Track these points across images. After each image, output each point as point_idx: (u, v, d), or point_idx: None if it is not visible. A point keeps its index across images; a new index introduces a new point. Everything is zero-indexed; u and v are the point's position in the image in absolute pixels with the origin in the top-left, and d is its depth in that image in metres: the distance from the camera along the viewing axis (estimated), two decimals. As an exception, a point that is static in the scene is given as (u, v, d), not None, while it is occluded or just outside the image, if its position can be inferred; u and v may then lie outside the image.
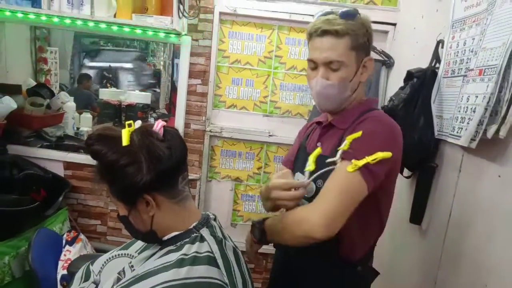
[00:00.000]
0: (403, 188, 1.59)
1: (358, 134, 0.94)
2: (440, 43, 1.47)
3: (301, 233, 0.91)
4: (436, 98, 1.43)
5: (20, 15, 2.00)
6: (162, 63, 5.32)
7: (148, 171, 0.79)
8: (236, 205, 2.43)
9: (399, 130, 1.03)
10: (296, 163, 1.20)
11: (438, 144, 1.41)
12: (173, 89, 4.54)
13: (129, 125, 0.84)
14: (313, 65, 1.05)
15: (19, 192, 1.99)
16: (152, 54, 5.82)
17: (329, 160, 0.94)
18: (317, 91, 1.05)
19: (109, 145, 0.81)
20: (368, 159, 0.90)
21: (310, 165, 0.97)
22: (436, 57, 1.49)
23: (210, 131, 2.32)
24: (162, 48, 5.28)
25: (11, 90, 2.20)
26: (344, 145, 0.94)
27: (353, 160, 0.91)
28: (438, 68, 1.46)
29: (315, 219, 0.89)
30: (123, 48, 6.13)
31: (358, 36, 1.01)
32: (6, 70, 2.39)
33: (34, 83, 2.49)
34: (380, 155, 0.90)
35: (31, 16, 2.00)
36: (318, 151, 0.99)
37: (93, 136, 0.84)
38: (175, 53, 4.74)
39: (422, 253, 1.46)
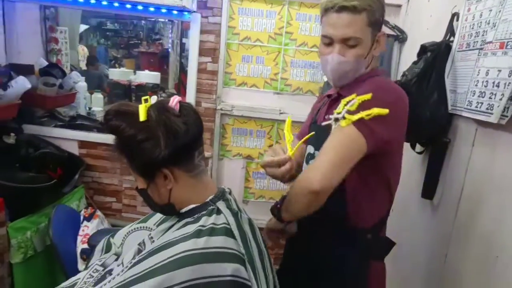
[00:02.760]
0: (415, 164, 1.59)
1: (368, 96, 0.93)
2: (455, 15, 1.44)
3: (301, 191, 0.95)
4: (450, 72, 1.41)
5: (30, -7, 2.00)
6: (170, 42, 5.28)
7: (166, 146, 0.81)
8: (248, 182, 2.47)
9: (402, 95, 1.02)
10: (316, 140, 1.19)
11: (451, 119, 1.40)
12: (182, 69, 4.52)
13: (146, 101, 0.85)
14: (328, 41, 1.04)
15: (36, 170, 2.04)
16: (159, 33, 5.78)
17: (324, 123, 0.97)
18: (332, 68, 1.05)
19: (127, 120, 0.83)
20: (363, 114, 0.91)
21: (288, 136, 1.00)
22: (450, 31, 1.46)
23: (221, 109, 2.33)
24: (170, 27, 5.23)
25: (24, 70, 2.22)
26: (351, 105, 0.94)
27: (346, 115, 0.93)
28: (452, 41, 1.44)
29: (311, 173, 0.93)
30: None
31: (374, 12, 1.00)
32: (18, 51, 2.40)
33: (46, 63, 2.51)
34: (375, 110, 0.90)
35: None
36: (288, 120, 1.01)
37: (111, 111, 0.85)
38: (183, 32, 4.70)
39: (433, 227, 1.47)
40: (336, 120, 0.96)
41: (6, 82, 1.93)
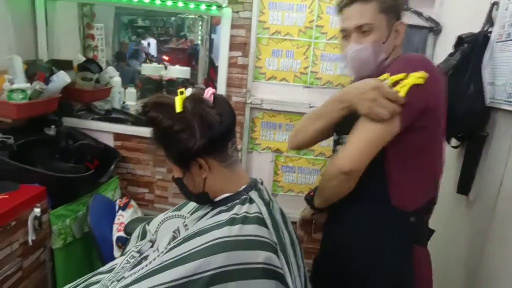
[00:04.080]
0: (450, 158, 1.55)
1: (401, 76, 0.94)
2: (494, 5, 1.39)
3: (332, 172, 0.99)
4: (488, 64, 1.36)
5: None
6: (200, 38, 5.35)
7: (201, 136, 0.84)
8: (277, 176, 2.48)
9: (436, 69, 1.01)
10: (339, 125, 1.15)
11: (489, 112, 1.36)
12: (211, 64, 4.57)
13: (181, 93, 0.88)
14: (345, 34, 1.10)
15: (75, 161, 2.14)
16: (188, 30, 5.87)
17: None
18: (351, 57, 1.09)
19: (164, 112, 0.86)
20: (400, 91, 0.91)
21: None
22: (489, 21, 1.41)
23: (251, 103, 2.35)
24: (200, 23, 5.30)
25: (64, 65, 2.32)
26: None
27: None
28: (491, 32, 1.39)
29: (342, 155, 0.97)
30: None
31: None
32: (58, 47, 2.52)
33: (83, 59, 2.61)
34: (410, 80, 0.91)
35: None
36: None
37: (148, 103, 0.89)
38: (212, 28, 4.76)
39: (469, 223, 1.44)
40: None
41: (48, 77, 2.03)
